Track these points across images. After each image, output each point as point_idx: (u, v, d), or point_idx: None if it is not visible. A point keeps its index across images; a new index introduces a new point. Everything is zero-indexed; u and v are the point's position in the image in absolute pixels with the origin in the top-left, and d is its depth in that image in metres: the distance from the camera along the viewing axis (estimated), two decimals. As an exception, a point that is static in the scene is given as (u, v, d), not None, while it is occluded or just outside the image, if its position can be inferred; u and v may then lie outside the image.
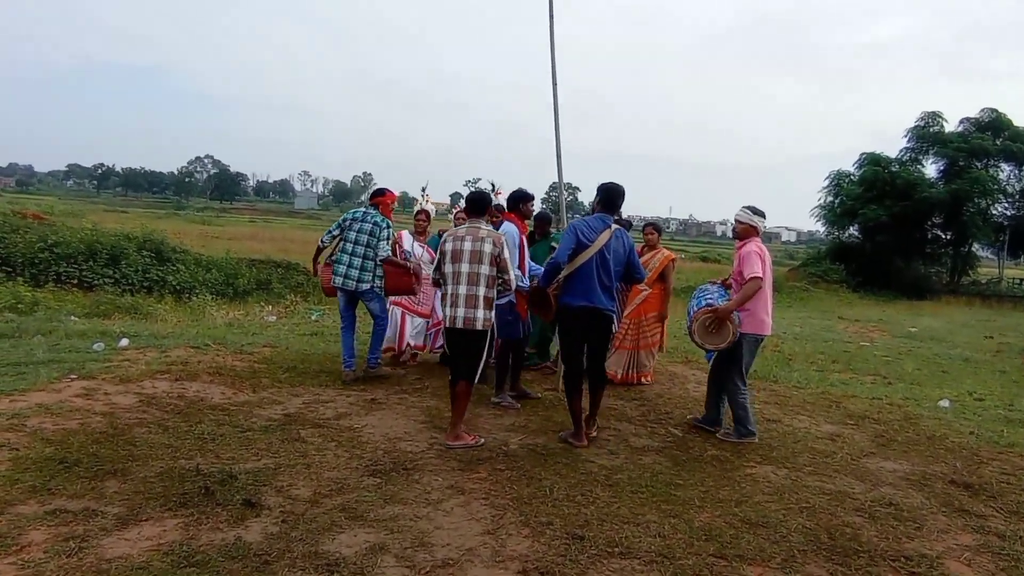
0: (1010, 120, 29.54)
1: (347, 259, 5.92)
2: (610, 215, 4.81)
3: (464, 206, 6.84)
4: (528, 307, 5.06)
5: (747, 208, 5.15)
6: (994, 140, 28.93)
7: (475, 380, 4.62)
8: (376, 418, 5.06)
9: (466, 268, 4.51)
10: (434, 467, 4.14)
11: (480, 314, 4.50)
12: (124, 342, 6.83)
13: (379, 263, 5.92)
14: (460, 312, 4.51)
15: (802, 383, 7.30)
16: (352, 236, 5.94)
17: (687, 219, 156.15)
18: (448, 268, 4.58)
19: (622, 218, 5.27)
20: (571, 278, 4.61)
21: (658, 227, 6.83)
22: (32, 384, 5.10)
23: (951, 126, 29.98)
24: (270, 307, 12.81)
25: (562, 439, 4.76)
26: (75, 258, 13.81)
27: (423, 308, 6.70)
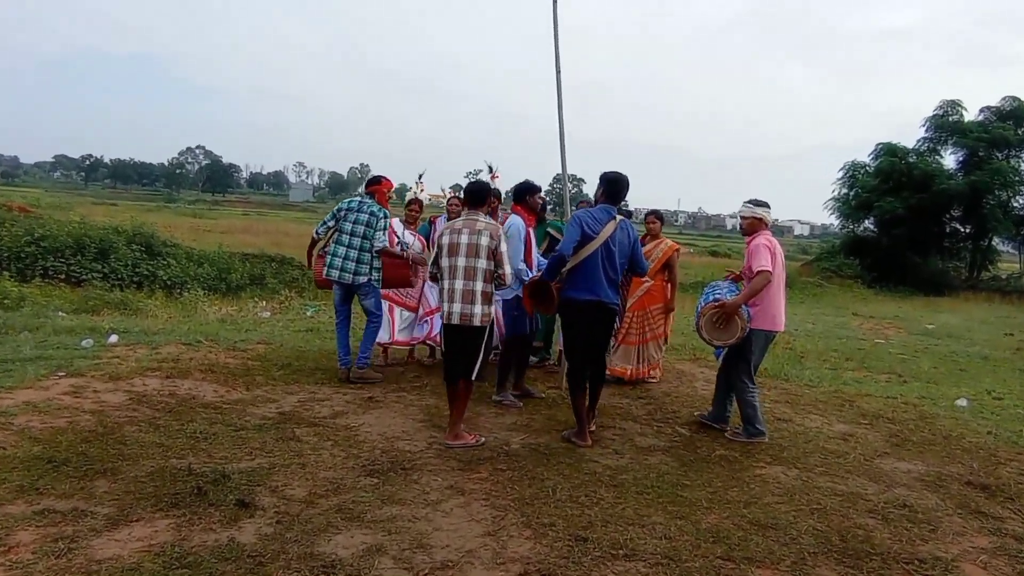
0: (1033, 109, 29.40)
1: (343, 251, 5.87)
2: (614, 206, 4.82)
3: (459, 194, 6.88)
4: (529, 301, 5.05)
5: (748, 202, 5.16)
6: (1016, 130, 28.75)
7: (474, 377, 4.64)
8: (373, 417, 5.07)
9: (462, 262, 4.51)
10: (433, 467, 4.16)
11: (477, 310, 4.51)
12: (113, 338, 6.86)
13: (376, 255, 5.90)
14: (456, 308, 4.52)
15: (814, 381, 7.31)
16: (347, 227, 5.89)
17: (696, 212, 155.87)
18: (445, 262, 4.59)
19: (622, 208, 5.27)
20: (575, 271, 4.62)
21: (661, 216, 6.82)
22: (19, 382, 5.13)
23: (971, 115, 29.81)
24: (264, 302, 12.84)
25: (565, 438, 4.78)
26: (62, 252, 13.83)
27: (411, 301, 6.68)
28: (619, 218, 4.75)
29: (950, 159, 29.77)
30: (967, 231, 29.86)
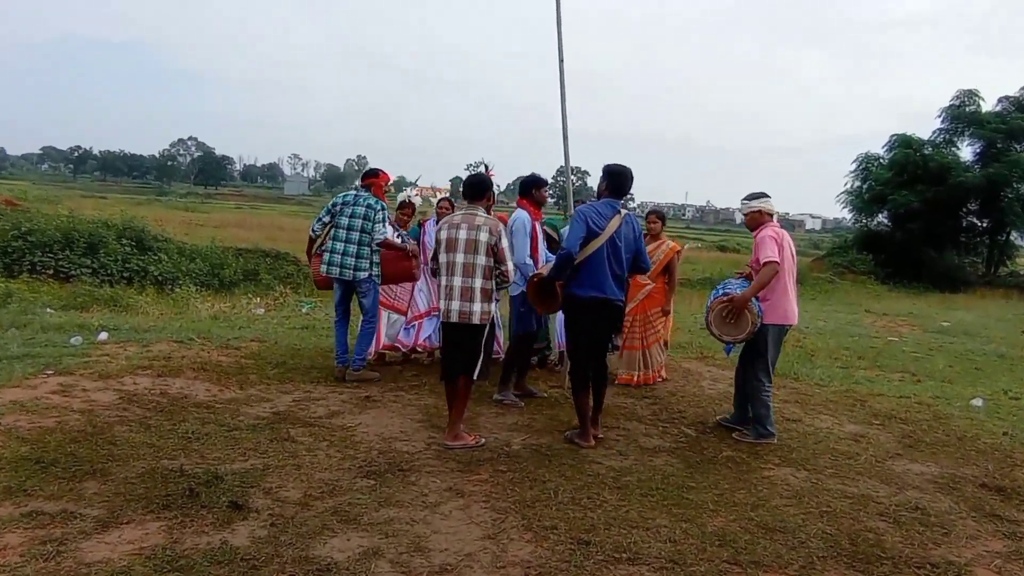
0: (1053, 99, 29.29)
1: (340, 247, 5.86)
2: (618, 200, 4.82)
3: (450, 197, 6.94)
4: (531, 299, 5.05)
5: (745, 198, 5.21)
6: (1035, 120, 28.69)
7: (474, 377, 4.64)
8: (370, 416, 5.09)
9: (461, 258, 4.52)
10: (432, 468, 4.17)
11: (476, 307, 4.52)
12: (103, 336, 6.88)
13: (376, 248, 5.89)
14: (455, 305, 4.52)
15: (825, 380, 7.32)
16: (344, 221, 5.88)
17: (704, 206, 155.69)
18: (443, 258, 4.60)
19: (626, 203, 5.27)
20: (580, 268, 4.62)
21: (662, 215, 6.83)
22: (6, 380, 5.15)
23: (988, 105, 29.70)
24: (258, 299, 12.87)
25: (568, 439, 4.79)
26: (50, 247, 13.85)
27: (400, 304, 6.67)
28: (624, 212, 4.75)
29: (967, 151, 29.70)
30: (984, 225, 29.79)
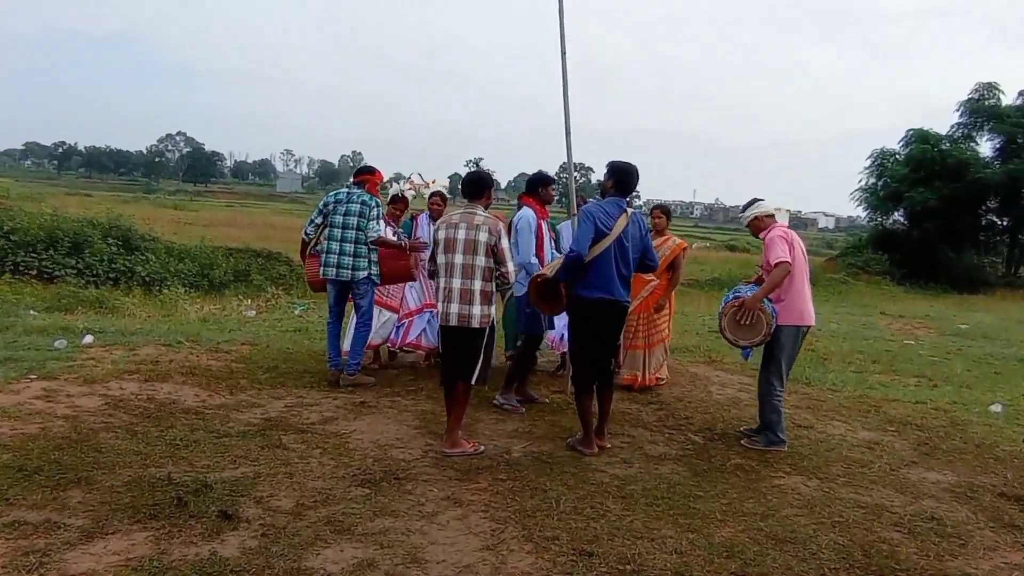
0: (1076, 92, 29.27)
1: (336, 247, 5.86)
2: (623, 198, 4.83)
3: (441, 189, 6.96)
4: (534, 300, 5.05)
5: (741, 211, 5.37)
6: (1058, 115, 28.68)
7: (473, 382, 4.65)
8: (365, 423, 5.10)
9: (460, 259, 4.53)
10: (429, 476, 4.18)
11: (476, 310, 4.53)
12: (88, 339, 6.89)
13: (372, 246, 5.88)
14: (454, 308, 4.53)
15: (838, 385, 7.32)
16: (338, 220, 5.88)
17: (713, 203, 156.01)
18: (441, 259, 4.60)
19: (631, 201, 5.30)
20: (587, 268, 4.64)
21: (667, 211, 6.85)
22: (-12, 385, 5.16)
23: (1009, 98, 29.71)
24: (249, 301, 12.89)
25: (570, 446, 4.80)
26: (34, 246, 13.88)
27: (393, 301, 6.69)
28: (631, 211, 4.78)
29: (986, 146, 29.68)
30: (1004, 224, 29.77)
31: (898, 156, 29.95)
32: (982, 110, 29.33)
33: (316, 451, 4.46)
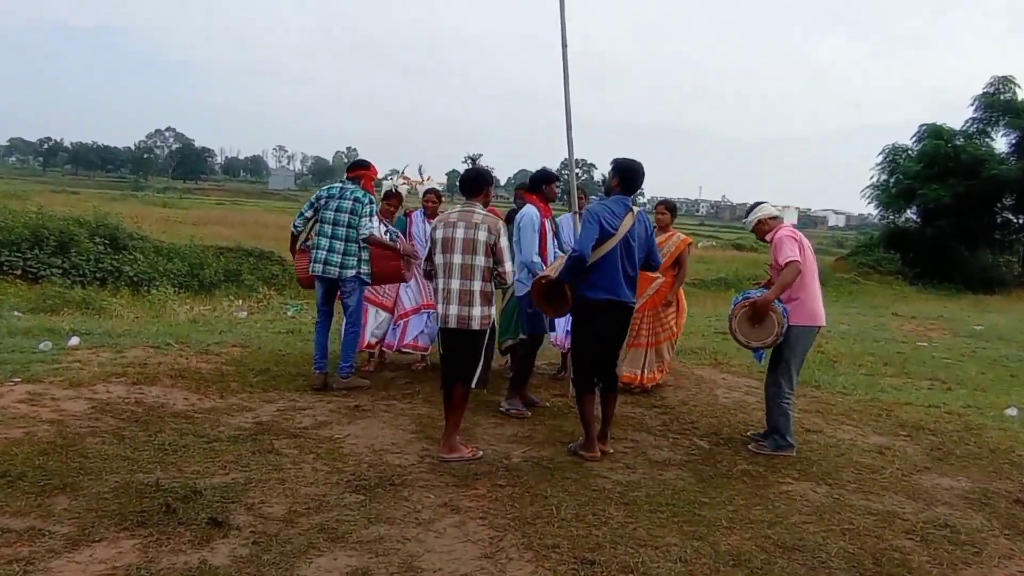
0: (1095, 86, 29.27)
1: (326, 243, 5.86)
2: (629, 196, 4.85)
3: (433, 192, 7.00)
4: (537, 301, 5.05)
5: (746, 215, 5.40)
6: (1076, 109, 28.67)
7: (473, 384, 4.66)
8: (360, 427, 5.10)
9: (458, 259, 4.53)
10: (425, 482, 4.18)
11: (476, 312, 4.53)
12: (74, 341, 6.89)
13: (364, 244, 5.88)
14: (453, 310, 4.54)
15: (848, 388, 7.32)
16: (329, 216, 5.88)
17: (719, 201, 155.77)
18: (439, 259, 4.60)
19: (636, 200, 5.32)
20: (592, 269, 4.65)
21: (672, 206, 6.86)
22: (-30, 388, 5.16)
23: (1025, 93, 29.74)
24: (240, 301, 12.90)
25: (571, 451, 4.81)
26: (18, 245, 13.92)
27: (387, 300, 6.69)
28: (636, 210, 4.80)
29: (1002, 142, 29.69)
30: (1020, 222, 29.78)
31: (911, 152, 29.96)
32: (997, 104, 29.32)
33: (309, 456, 4.46)
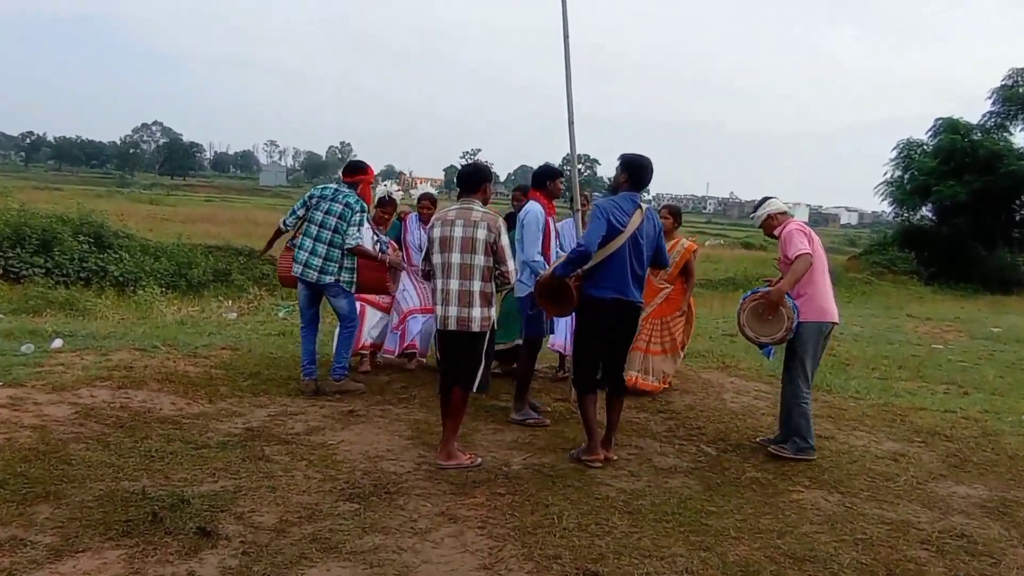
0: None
1: (309, 244, 5.85)
2: (637, 193, 4.86)
3: (427, 197, 6.99)
4: (540, 300, 5.04)
5: (752, 211, 5.48)
6: (1097, 103, 28.72)
7: (472, 389, 4.66)
8: (354, 433, 5.10)
9: (457, 259, 4.52)
10: (422, 491, 4.18)
11: (476, 313, 4.53)
12: (57, 343, 6.90)
13: (348, 253, 5.86)
14: (452, 311, 4.53)
15: (861, 393, 7.32)
16: (318, 217, 5.87)
17: (727, 198, 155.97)
18: (437, 259, 4.60)
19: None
20: (598, 267, 4.66)
21: (676, 212, 6.87)
22: (-51, 392, 5.17)
23: (1045, 85, 29.75)
24: (230, 302, 12.92)
25: (573, 457, 4.81)
26: (-1, 244, 13.92)
27: (383, 301, 6.71)
28: (645, 207, 4.82)
29: (1021, 136, 29.90)
30: (1040, 220, 29.79)
31: (926, 147, 29.97)
32: (1016, 98, 29.34)
33: (301, 463, 4.46)
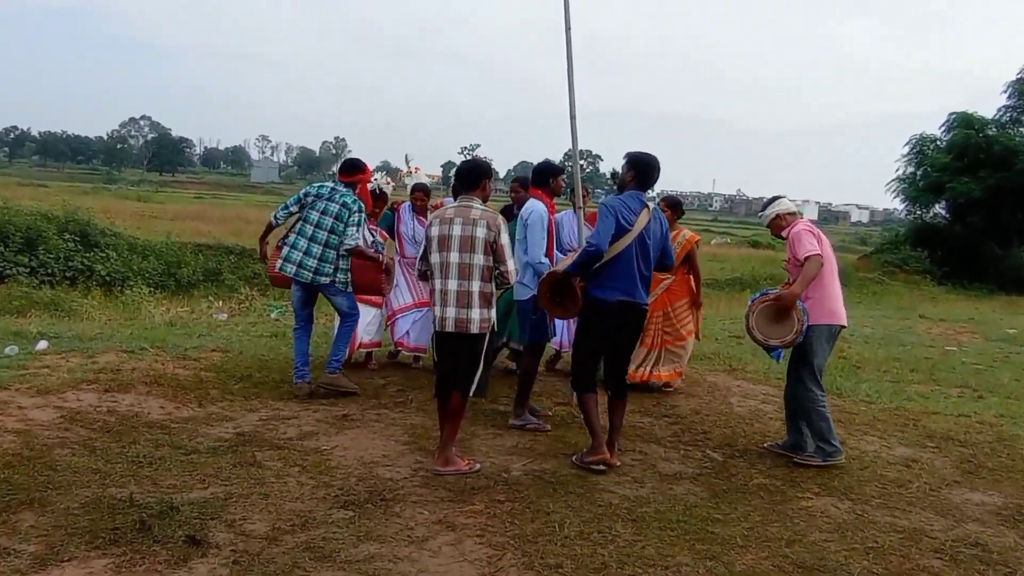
0: None
1: (304, 244, 5.86)
2: (644, 192, 4.88)
3: (421, 188, 7.03)
4: (543, 301, 5.04)
5: (761, 210, 5.47)
6: (1117, 97, 28.69)
7: (471, 392, 4.66)
8: (348, 438, 5.10)
9: (456, 258, 4.52)
10: (419, 498, 4.18)
11: (475, 314, 4.53)
12: (42, 345, 6.90)
13: (344, 254, 5.88)
14: (451, 313, 4.54)
15: (872, 396, 7.32)
16: (313, 217, 5.89)
17: (734, 195, 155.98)
18: (435, 258, 4.60)
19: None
20: (604, 268, 4.67)
21: (674, 203, 6.92)
22: (-69, 396, 5.16)
23: (1062, 79, 29.73)
24: (220, 302, 12.90)
25: (576, 462, 4.81)
26: (-18, 242, 13.92)
27: (375, 297, 6.76)
28: (652, 206, 4.84)
29: (1037, 132, 29.69)
30: (1057, 218, 29.76)
31: (939, 143, 29.97)
32: (1032, 91, 29.32)
33: (294, 469, 4.46)
